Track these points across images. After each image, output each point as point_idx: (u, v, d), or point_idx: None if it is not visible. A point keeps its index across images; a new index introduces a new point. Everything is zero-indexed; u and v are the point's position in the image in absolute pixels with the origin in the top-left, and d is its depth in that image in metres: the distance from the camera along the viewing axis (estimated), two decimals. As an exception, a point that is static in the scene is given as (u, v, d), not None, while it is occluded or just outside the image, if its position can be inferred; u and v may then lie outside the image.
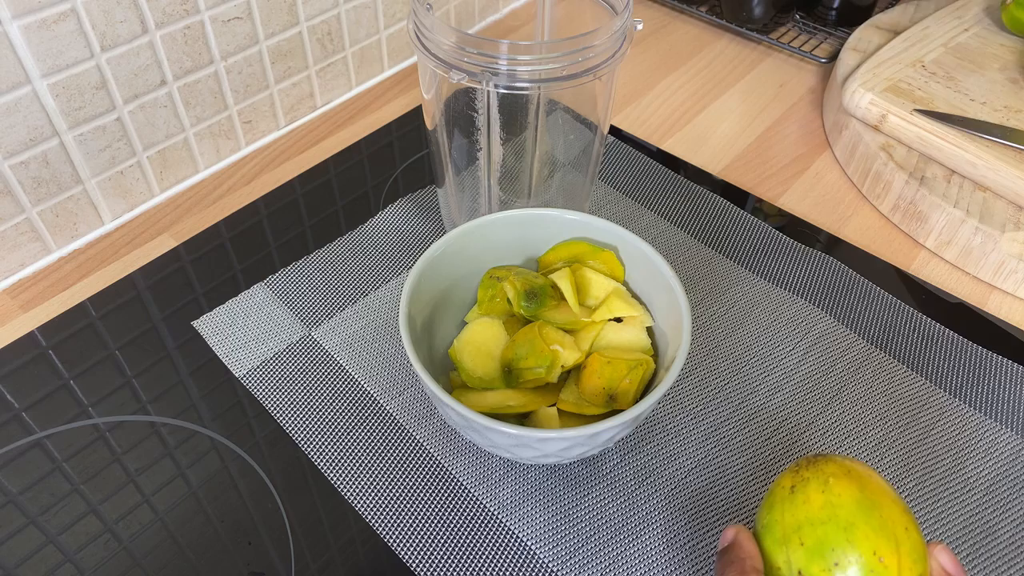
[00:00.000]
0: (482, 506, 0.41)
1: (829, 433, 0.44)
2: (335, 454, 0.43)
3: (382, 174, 0.60)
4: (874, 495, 0.29)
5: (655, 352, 0.43)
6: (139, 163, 0.55)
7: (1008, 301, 0.52)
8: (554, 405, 0.41)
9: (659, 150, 0.63)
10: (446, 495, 0.42)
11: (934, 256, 0.55)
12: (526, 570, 0.39)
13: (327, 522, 0.41)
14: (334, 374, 0.47)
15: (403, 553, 0.39)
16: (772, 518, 0.31)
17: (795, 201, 0.59)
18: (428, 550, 0.39)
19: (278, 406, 0.45)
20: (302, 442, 0.44)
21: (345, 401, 0.46)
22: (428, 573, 0.39)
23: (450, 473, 0.42)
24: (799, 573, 0.28)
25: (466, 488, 0.42)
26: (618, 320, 0.43)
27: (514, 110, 0.45)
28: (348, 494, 0.41)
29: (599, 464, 0.43)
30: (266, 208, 0.57)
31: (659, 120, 0.67)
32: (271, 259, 0.54)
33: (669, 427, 0.45)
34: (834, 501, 0.29)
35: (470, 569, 0.39)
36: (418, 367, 0.36)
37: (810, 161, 0.63)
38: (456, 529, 0.40)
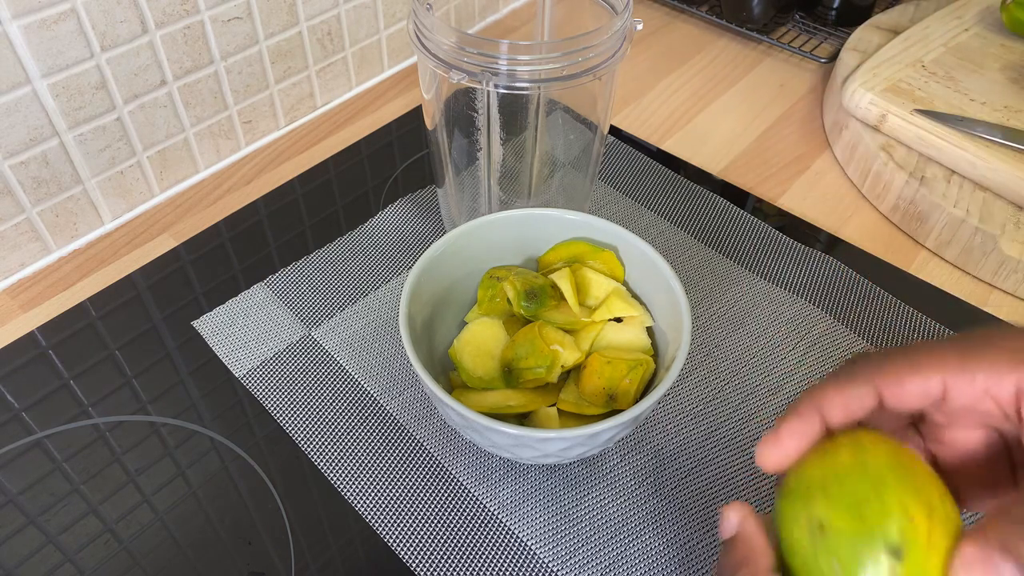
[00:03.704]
0: (482, 506, 0.41)
1: (829, 433, 0.44)
2: (335, 454, 0.43)
3: (382, 174, 0.60)
4: (909, 461, 0.27)
5: (655, 352, 0.43)
6: (139, 163, 0.55)
7: (1008, 301, 0.52)
8: (554, 405, 0.41)
9: (659, 150, 0.63)
10: (446, 495, 0.42)
11: (934, 256, 0.55)
12: (526, 570, 0.39)
13: (327, 522, 0.41)
14: (334, 374, 0.47)
15: (403, 553, 0.39)
16: (796, 477, 0.28)
17: (795, 201, 0.59)
18: (428, 550, 0.39)
19: (278, 406, 0.45)
20: (302, 442, 0.44)
21: (345, 401, 0.46)
22: (428, 573, 0.39)
23: (450, 473, 0.42)
24: (820, 527, 0.26)
25: (466, 488, 0.42)
26: (618, 320, 0.43)
27: (514, 110, 0.45)
28: (348, 494, 0.41)
29: (599, 464, 0.43)
30: (266, 208, 0.57)
31: (659, 120, 0.67)
32: (271, 259, 0.54)
33: (669, 427, 0.45)
34: (865, 459, 0.27)
35: (470, 569, 0.39)
36: (418, 367, 0.36)
37: (810, 161, 0.63)
38: (456, 529, 0.40)
